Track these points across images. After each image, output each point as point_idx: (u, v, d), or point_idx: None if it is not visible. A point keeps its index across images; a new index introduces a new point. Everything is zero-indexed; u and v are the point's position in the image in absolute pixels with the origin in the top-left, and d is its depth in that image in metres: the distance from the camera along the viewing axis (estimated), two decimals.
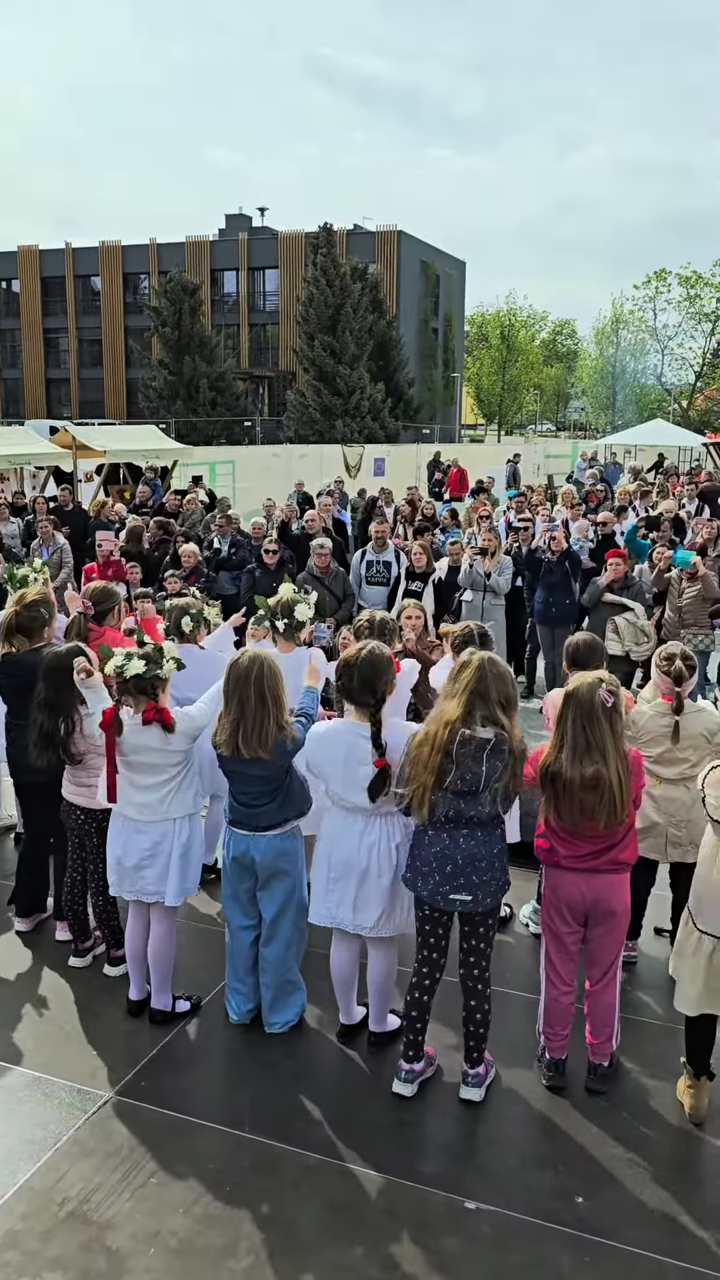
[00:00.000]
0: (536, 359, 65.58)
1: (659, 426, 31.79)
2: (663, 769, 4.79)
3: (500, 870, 3.81)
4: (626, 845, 3.90)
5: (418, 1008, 3.97)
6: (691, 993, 3.78)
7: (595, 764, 3.71)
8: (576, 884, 3.88)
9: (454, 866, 3.76)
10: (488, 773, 3.66)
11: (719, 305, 49.49)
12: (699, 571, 9.65)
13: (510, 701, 3.74)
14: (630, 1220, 3.40)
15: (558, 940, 4.00)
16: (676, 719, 4.71)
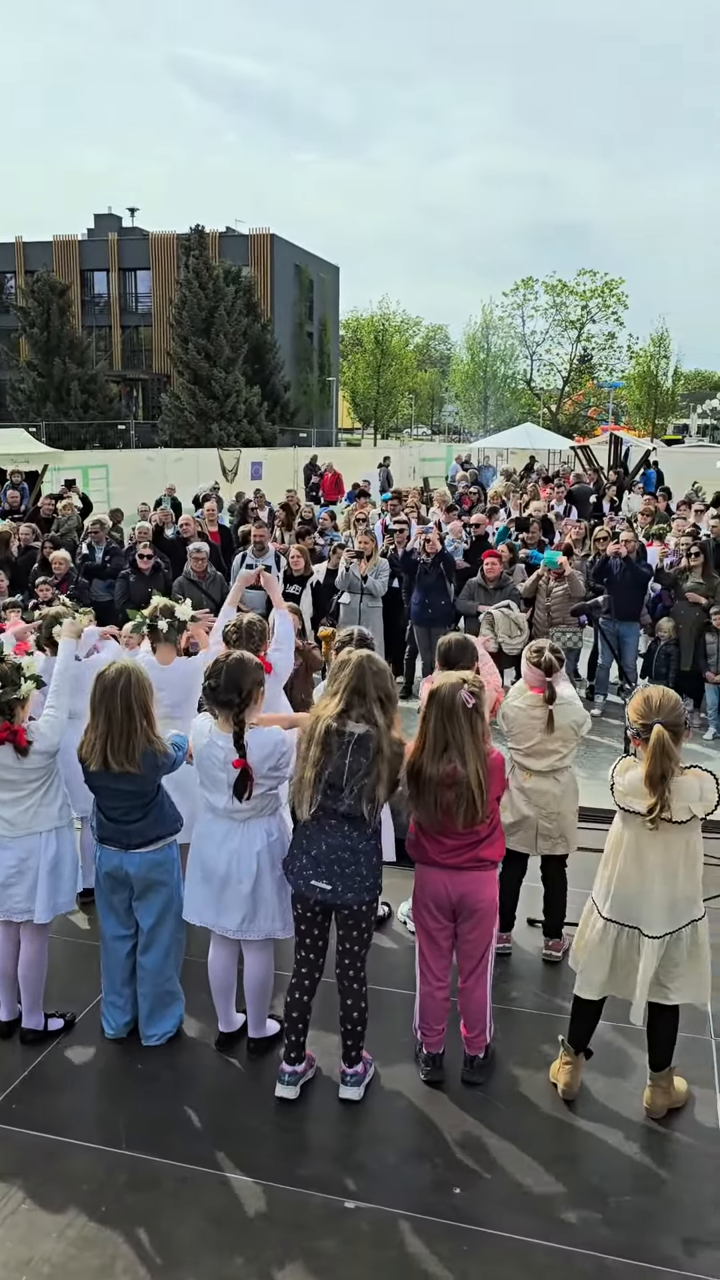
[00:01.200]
0: (411, 363, 66.45)
1: (529, 430, 32.60)
2: (534, 761, 4.91)
3: (366, 869, 3.83)
4: (492, 843, 3.97)
5: (298, 1009, 3.98)
6: (597, 978, 3.87)
7: (453, 762, 3.78)
8: (442, 881, 3.94)
9: (317, 853, 3.80)
10: (351, 766, 3.69)
11: (583, 313, 51.17)
12: (565, 571, 9.95)
13: (389, 698, 3.78)
14: (506, 1207, 3.47)
15: (429, 936, 4.05)
16: (550, 709, 4.84)
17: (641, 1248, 3.29)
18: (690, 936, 3.79)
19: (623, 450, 29.58)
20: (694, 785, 3.68)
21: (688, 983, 3.80)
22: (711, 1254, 3.26)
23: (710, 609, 10.50)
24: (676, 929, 3.75)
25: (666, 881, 3.72)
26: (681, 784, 3.68)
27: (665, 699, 3.69)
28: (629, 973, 3.79)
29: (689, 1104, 3.96)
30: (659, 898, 3.72)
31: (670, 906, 3.73)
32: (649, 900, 3.73)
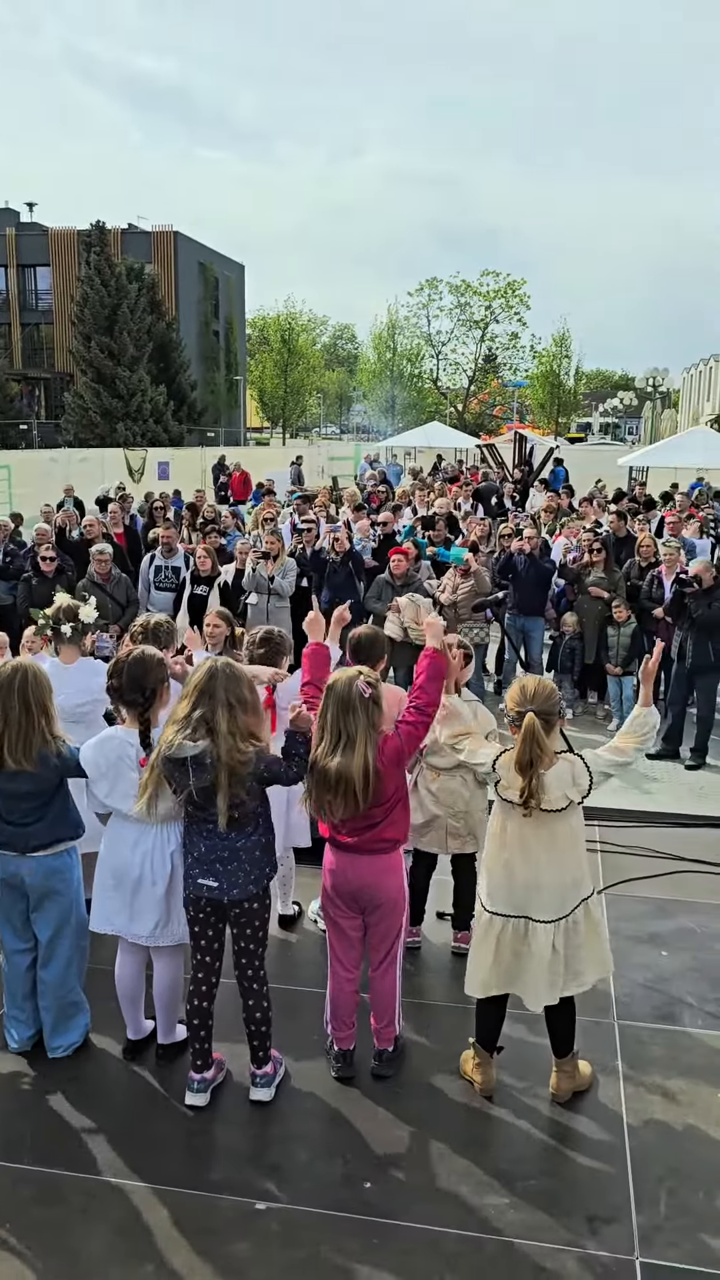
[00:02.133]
0: (318, 363, 66.48)
1: (436, 429, 32.93)
2: (439, 759, 4.96)
3: (253, 865, 3.80)
4: (392, 823, 3.96)
5: (199, 1015, 3.94)
6: (479, 975, 3.90)
7: (348, 754, 3.79)
8: (344, 868, 3.95)
9: (200, 853, 3.79)
10: (196, 783, 3.67)
11: (487, 313, 51.87)
12: (471, 568, 10.08)
13: (242, 702, 3.72)
14: (416, 1197, 3.51)
15: (336, 928, 4.06)
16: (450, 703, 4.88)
17: (547, 1229, 3.36)
18: (584, 915, 3.86)
19: (528, 448, 30.08)
20: (567, 770, 3.76)
21: (592, 962, 3.88)
22: (613, 1230, 3.35)
23: (612, 603, 10.75)
24: (569, 913, 3.81)
25: (555, 868, 3.79)
26: (556, 770, 3.76)
27: (540, 688, 3.76)
28: (521, 965, 3.84)
29: (593, 1087, 4.05)
30: (549, 885, 3.78)
31: (561, 892, 3.80)
32: (539, 889, 3.78)
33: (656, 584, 10.83)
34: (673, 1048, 4.29)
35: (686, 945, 5.10)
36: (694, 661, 9.47)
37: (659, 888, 5.72)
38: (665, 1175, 3.59)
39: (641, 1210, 3.43)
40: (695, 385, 79.47)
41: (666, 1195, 3.50)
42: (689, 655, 9.49)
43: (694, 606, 9.30)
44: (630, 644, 10.57)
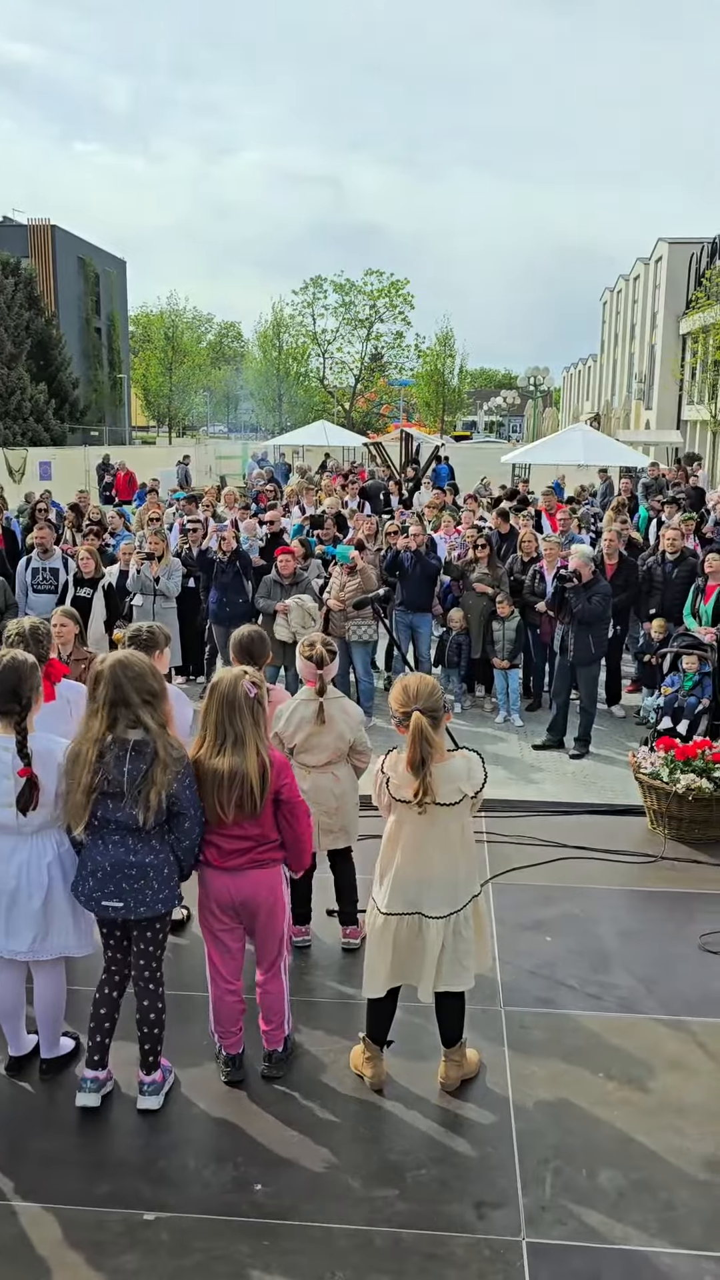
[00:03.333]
0: (204, 360, 65.77)
1: (324, 427, 32.97)
2: (309, 757, 4.95)
3: (159, 882, 3.74)
4: (273, 848, 3.94)
5: (107, 1004, 3.89)
6: (381, 975, 3.90)
7: (238, 755, 3.77)
8: (225, 883, 3.91)
9: (104, 873, 3.69)
10: (130, 774, 3.61)
11: (372, 312, 52.18)
12: (358, 565, 10.13)
13: (155, 695, 3.70)
14: (307, 1196, 3.51)
15: (216, 940, 4.01)
16: (321, 701, 4.90)
17: (436, 1217, 3.40)
18: (474, 911, 3.92)
19: (414, 447, 30.39)
20: (461, 765, 3.82)
21: (480, 955, 3.95)
22: (500, 1214, 3.41)
23: (496, 598, 10.95)
24: (460, 908, 3.86)
25: (447, 864, 3.83)
26: (449, 766, 3.80)
27: (422, 686, 3.79)
28: (416, 959, 3.87)
29: (481, 1073, 4.12)
30: (441, 881, 3.82)
31: (453, 887, 3.84)
32: (431, 885, 3.82)
33: (538, 579, 11.08)
34: (557, 1031, 4.39)
35: (570, 930, 5.23)
36: (575, 654, 9.71)
37: (543, 875, 5.85)
38: (550, 1156, 3.67)
39: (527, 1192, 3.50)
40: (575, 384, 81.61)
41: (552, 1175, 3.58)
42: (570, 648, 9.73)
43: (574, 600, 9.54)
44: (514, 638, 10.80)
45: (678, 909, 5.45)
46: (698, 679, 9.55)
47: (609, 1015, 4.50)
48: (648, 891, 5.68)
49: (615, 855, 6.07)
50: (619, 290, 59.71)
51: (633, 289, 55.28)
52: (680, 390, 44.58)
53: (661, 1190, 3.51)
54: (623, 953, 5.01)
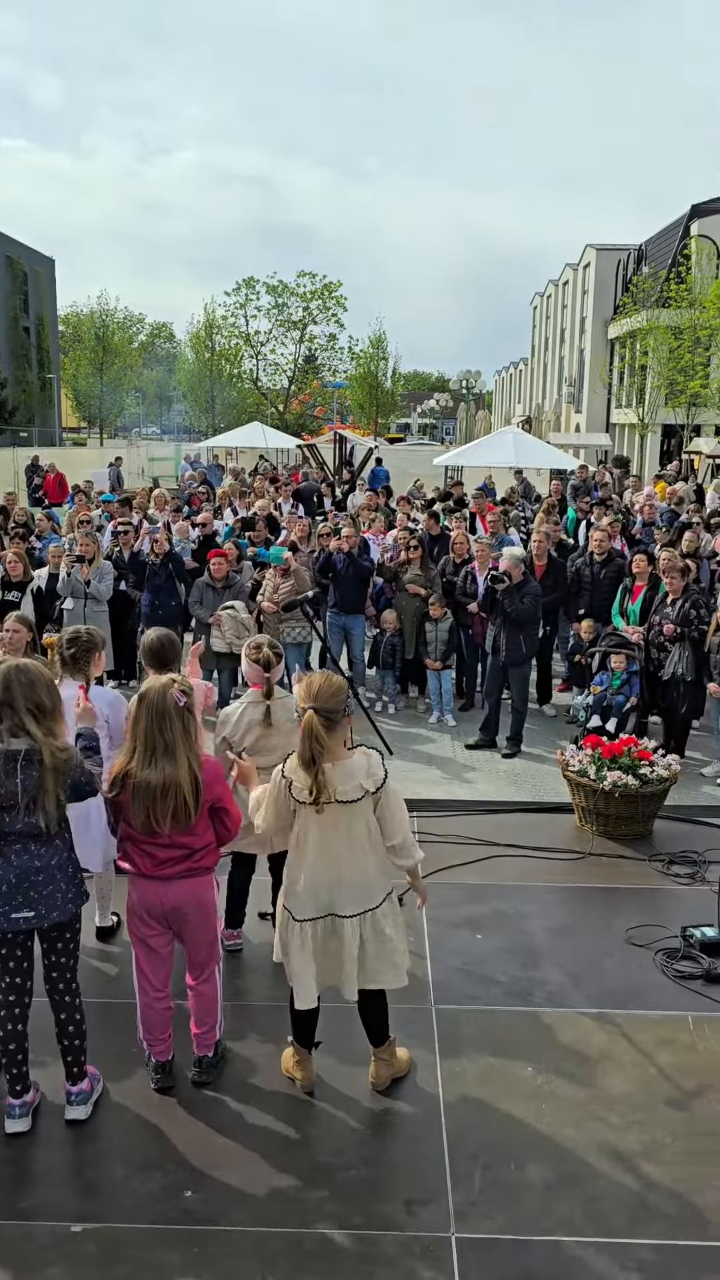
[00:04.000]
0: (135, 361, 65.11)
1: (257, 429, 32.84)
2: (259, 759, 4.95)
3: (65, 883, 3.71)
4: (205, 854, 3.93)
5: (14, 1039, 3.78)
6: (309, 983, 3.88)
7: (169, 765, 3.74)
8: (156, 892, 3.88)
9: (9, 885, 3.62)
10: (23, 784, 3.56)
11: (305, 314, 52.15)
12: (291, 567, 10.12)
13: (43, 709, 3.62)
14: (238, 1202, 3.49)
15: (145, 947, 3.97)
16: (268, 704, 4.89)
17: (367, 1217, 3.41)
18: (390, 909, 3.90)
19: (348, 449, 30.45)
20: (361, 762, 3.82)
21: (400, 954, 3.94)
22: (430, 1210, 3.44)
23: (429, 599, 11.02)
24: (371, 907, 3.85)
25: (356, 863, 3.81)
26: (348, 764, 3.80)
27: (325, 686, 3.78)
28: (335, 960, 3.87)
29: (412, 1072, 4.15)
30: (351, 880, 3.81)
31: (364, 886, 3.83)
32: (342, 885, 3.81)
33: (470, 580, 11.18)
34: (487, 1027, 4.44)
35: (499, 927, 5.29)
36: (507, 654, 9.82)
37: (474, 873, 5.91)
38: (480, 1151, 3.71)
39: (457, 1188, 3.54)
40: (507, 387, 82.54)
41: (481, 1171, 3.62)
42: (502, 648, 9.83)
43: (505, 601, 9.65)
44: (447, 639, 10.88)
45: (605, 904, 5.55)
46: (625, 677, 9.72)
47: (538, 1010, 4.56)
48: (576, 888, 5.77)
49: (544, 852, 6.16)
50: (549, 295, 60.57)
51: (562, 294, 56.12)
52: (609, 394, 45.36)
53: (588, 1181, 3.56)
54: (551, 948, 5.08)
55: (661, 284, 35.85)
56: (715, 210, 38.37)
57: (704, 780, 8.30)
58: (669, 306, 33.79)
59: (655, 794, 6.25)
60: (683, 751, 9.56)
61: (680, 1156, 3.68)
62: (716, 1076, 4.10)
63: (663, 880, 5.82)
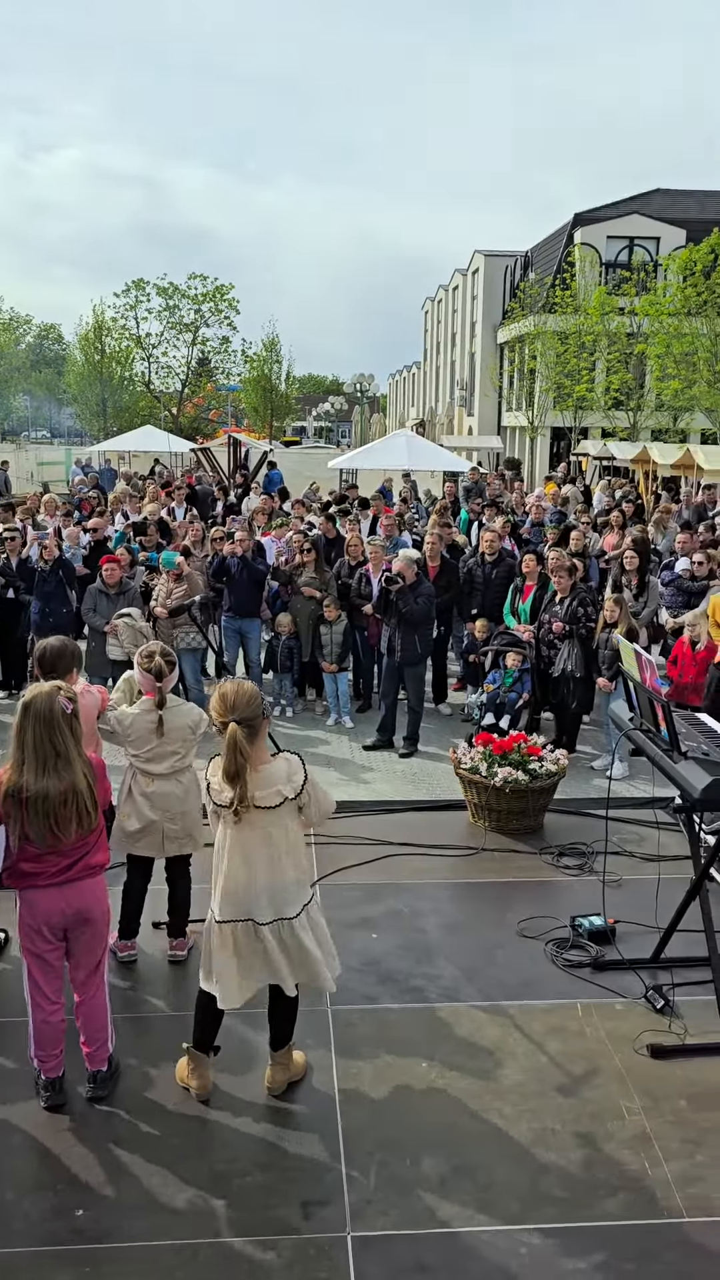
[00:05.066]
0: (23, 363, 63.51)
1: (150, 433, 32.42)
2: (154, 765, 4.89)
3: None
4: (99, 849, 3.90)
5: None
6: (233, 985, 3.84)
7: (67, 773, 3.67)
8: (54, 899, 3.80)
9: None
10: None
11: (197, 316, 51.66)
12: (184, 572, 10.02)
13: None
14: (131, 1215, 3.44)
15: (40, 960, 3.88)
16: (160, 713, 4.84)
17: (263, 1222, 3.40)
18: (306, 924, 3.90)
19: (242, 452, 30.32)
20: (282, 768, 3.84)
21: (330, 964, 3.94)
22: (326, 1212, 3.44)
23: (323, 602, 11.05)
24: (287, 917, 3.84)
25: (273, 869, 3.82)
26: (269, 770, 3.81)
27: (240, 695, 3.77)
28: (261, 959, 3.85)
29: (308, 1074, 4.15)
30: (268, 886, 3.81)
31: (281, 891, 3.83)
32: (258, 891, 3.81)
33: (364, 582, 11.24)
34: (382, 1025, 4.47)
35: (395, 926, 5.33)
36: (402, 655, 9.90)
37: (370, 873, 5.94)
38: (375, 1149, 3.74)
39: (353, 1187, 3.55)
40: (401, 390, 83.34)
41: (377, 1168, 3.64)
42: (397, 649, 9.92)
43: (399, 602, 9.74)
44: (342, 641, 10.92)
45: (497, 898, 5.65)
46: (518, 675, 9.91)
47: (432, 1006, 4.62)
48: (469, 883, 5.86)
49: (439, 850, 6.23)
50: (439, 300, 61.39)
51: (452, 299, 56.95)
52: (500, 397, 46.21)
53: (481, 1171, 3.62)
54: (445, 944, 5.15)
55: (547, 290, 36.71)
56: (597, 219, 39.51)
57: (594, 773, 8.53)
58: (555, 312, 34.62)
59: (545, 788, 6.39)
60: (574, 746, 9.80)
61: (570, 1141, 3.77)
62: (604, 1060, 4.22)
63: (553, 872, 5.96)
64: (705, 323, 28.31)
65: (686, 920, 4.72)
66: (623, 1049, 4.29)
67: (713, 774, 4.11)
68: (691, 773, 4.16)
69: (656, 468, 23.79)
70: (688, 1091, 4.03)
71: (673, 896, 4.89)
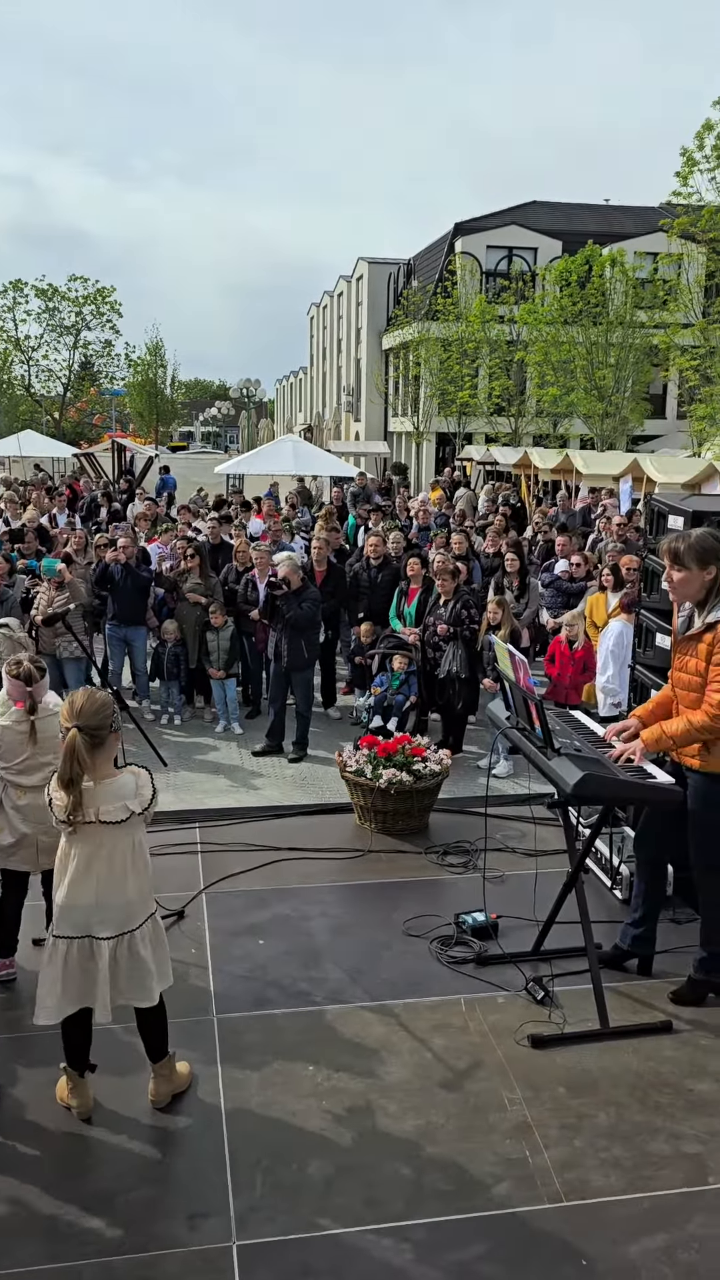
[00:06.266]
0: None
1: (31, 437, 31.62)
2: (25, 778, 4.77)
3: None
4: None
5: None
6: (50, 1001, 3.77)
7: None
8: None
9: None
10: None
11: (79, 319, 50.61)
12: (66, 579, 9.82)
13: None
14: (10, 1242, 3.33)
15: None
16: (32, 719, 4.73)
17: (148, 1238, 3.35)
18: (151, 929, 3.86)
19: (127, 457, 29.84)
20: (129, 782, 3.79)
21: (159, 975, 3.88)
22: (211, 1223, 3.41)
23: (210, 608, 10.98)
24: (130, 930, 3.78)
25: (116, 885, 3.74)
26: (115, 783, 3.75)
27: (89, 703, 3.71)
28: (90, 980, 3.77)
29: (193, 1085, 4.11)
30: (110, 902, 3.74)
31: (123, 908, 3.76)
32: (100, 907, 3.73)
33: (251, 588, 11.21)
34: (268, 1031, 4.46)
35: (282, 931, 5.32)
36: (289, 660, 9.92)
37: (257, 879, 5.92)
38: (261, 1156, 3.72)
39: (239, 1196, 3.53)
40: (288, 395, 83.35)
41: (262, 1176, 3.63)
42: (284, 654, 9.92)
43: (285, 607, 9.75)
44: (230, 647, 10.87)
45: (383, 899, 5.70)
46: (404, 678, 10.03)
47: (319, 1009, 4.62)
48: (356, 885, 5.90)
49: (325, 853, 6.25)
50: (325, 305, 61.65)
51: (337, 305, 57.26)
52: (386, 403, 46.66)
53: (366, 1170, 3.65)
54: (332, 947, 5.16)
55: (430, 298, 37.26)
56: (477, 229, 40.30)
57: (480, 772, 8.68)
58: (438, 320, 35.18)
59: (429, 789, 6.48)
60: (460, 746, 9.96)
61: (454, 1135, 3.83)
62: (486, 1054, 4.30)
63: (438, 871, 6.05)
64: (581, 331, 29.18)
65: (565, 912, 4.85)
66: (504, 1041, 4.38)
67: (584, 769, 4.23)
68: (564, 769, 4.28)
69: (538, 472, 24.40)
70: (566, 1079, 4.14)
71: (552, 890, 5.02)
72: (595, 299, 29.33)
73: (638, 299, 29.05)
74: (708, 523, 5.26)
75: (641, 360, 29.22)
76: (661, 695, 4.87)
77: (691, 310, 22.75)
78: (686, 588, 4.49)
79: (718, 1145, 3.80)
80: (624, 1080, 4.15)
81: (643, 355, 28.98)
